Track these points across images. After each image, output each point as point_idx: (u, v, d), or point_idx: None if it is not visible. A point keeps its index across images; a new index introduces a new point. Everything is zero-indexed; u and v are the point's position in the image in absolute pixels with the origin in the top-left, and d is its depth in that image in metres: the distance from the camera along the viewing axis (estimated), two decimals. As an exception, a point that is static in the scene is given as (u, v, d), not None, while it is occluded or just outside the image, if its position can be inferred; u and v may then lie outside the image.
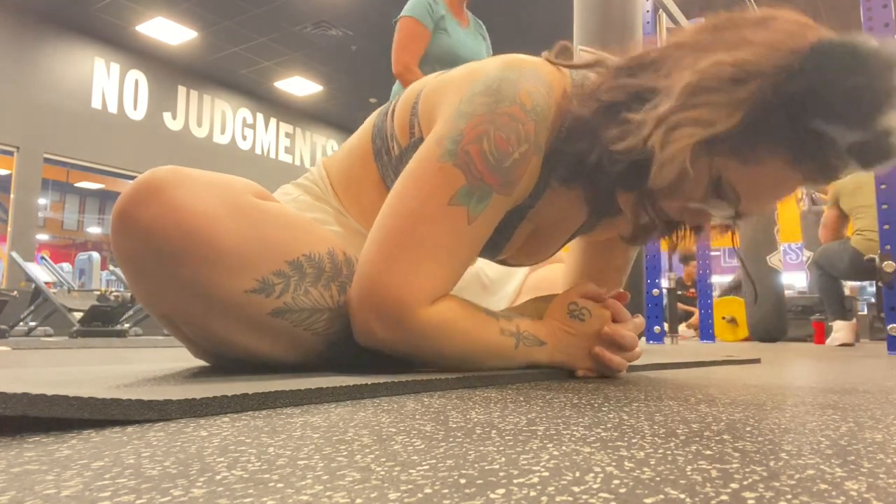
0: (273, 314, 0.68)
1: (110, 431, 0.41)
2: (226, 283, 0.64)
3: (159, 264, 0.64)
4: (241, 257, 0.65)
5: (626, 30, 2.61)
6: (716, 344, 3.96)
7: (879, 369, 1.25)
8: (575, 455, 0.34)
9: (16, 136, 6.84)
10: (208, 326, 0.69)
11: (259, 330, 0.69)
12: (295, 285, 0.69)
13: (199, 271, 0.63)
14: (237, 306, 0.66)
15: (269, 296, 0.67)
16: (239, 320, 0.68)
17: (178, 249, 0.62)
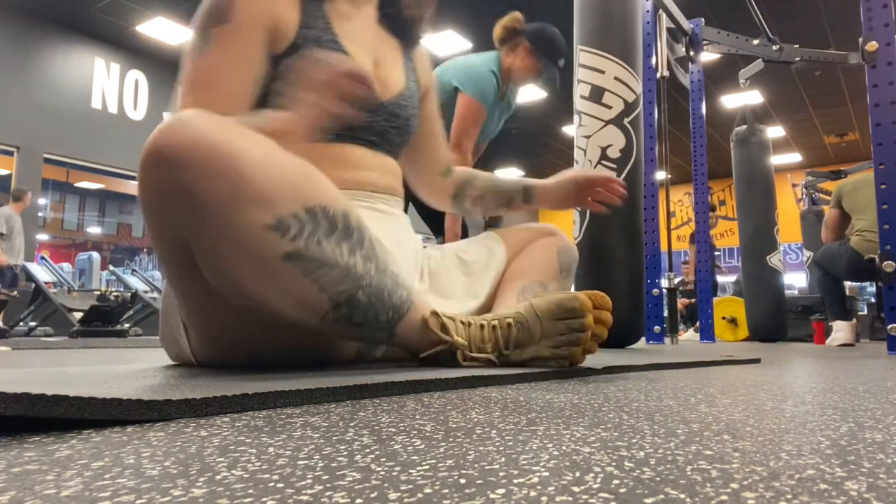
0: (285, 258, 0.70)
1: (110, 431, 0.41)
2: (246, 215, 0.67)
3: (183, 192, 0.66)
4: (263, 191, 0.67)
5: (626, 30, 2.61)
6: (716, 344, 3.96)
7: (879, 369, 1.25)
8: (575, 455, 0.34)
9: (16, 136, 6.85)
10: (222, 263, 0.70)
11: (269, 274, 0.70)
12: (309, 232, 0.71)
13: (222, 200, 0.66)
14: (253, 242, 0.68)
15: (284, 236, 0.69)
16: (253, 259, 0.69)
17: (204, 177, 0.65)
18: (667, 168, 3.78)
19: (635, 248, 2.52)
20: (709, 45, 4.37)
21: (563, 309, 0.88)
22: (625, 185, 1.26)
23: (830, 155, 11.42)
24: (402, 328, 0.83)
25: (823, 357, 1.89)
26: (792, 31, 6.77)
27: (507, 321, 0.89)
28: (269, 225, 0.68)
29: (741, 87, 4.39)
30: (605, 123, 2.54)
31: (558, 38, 2.32)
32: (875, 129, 2.47)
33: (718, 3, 6.36)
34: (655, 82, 3.59)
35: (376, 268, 0.79)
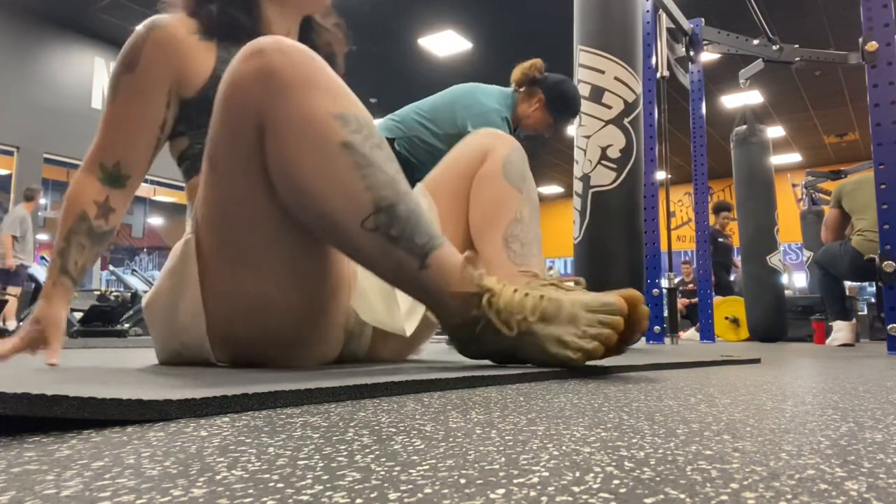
0: (343, 146, 0.78)
1: (110, 431, 0.41)
2: (317, 99, 0.78)
3: (270, 73, 0.77)
4: (334, 88, 0.80)
5: (626, 30, 2.61)
6: (716, 344, 3.96)
7: (879, 369, 1.25)
8: (575, 455, 0.34)
9: (16, 136, 6.85)
10: (288, 145, 0.78)
11: (326, 160, 0.78)
12: (366, 135, 0.80)
13: (300, 82, 0.78)
14: (319, 123, 0.77)
15: (345, 126, 0.78)
16: (315, 140, 0.78)
17: (289, 63, 0.78)
18: (667, 168, 3.78)
19: (635, 248, 2.52)
20: (709, 45, 4.37)
21: (599, 302, 0.85)
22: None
23: (830, 155, 11.42)
24: (437, 259, 0.83)
25: (823, 357, 1.89)
26: (792, 31, 6.77)
27: (541, 294, 0.88)
28: (335, 113, 0.78)
29: (741, 87, 4.39)
30: (605, 123, 2.54)
31: (575, 96, 2.29)
32: (875, 129, 2.47)
33: (718, 3, 6.36)
34: (655, 82, 3.59)
35: (414, 199, 0.84)
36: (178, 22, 1.04)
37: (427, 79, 7.82)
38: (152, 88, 1.01)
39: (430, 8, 6.87)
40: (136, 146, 1.02)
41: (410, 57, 7.85)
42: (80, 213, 0.98)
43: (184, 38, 1.03)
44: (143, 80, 1.00)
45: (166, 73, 1.01)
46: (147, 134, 1.02)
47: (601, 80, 2.56)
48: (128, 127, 1.01)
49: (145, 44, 1.01)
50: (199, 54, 1.04)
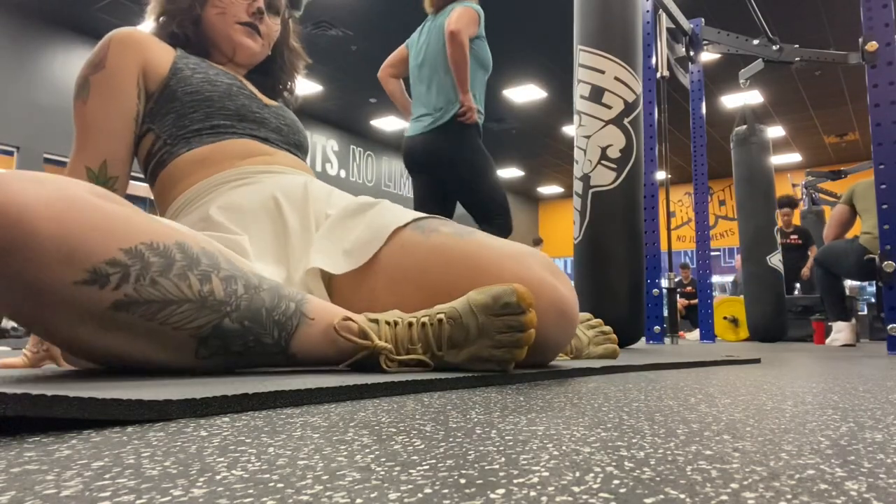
0: (114, 308, 0.64)
1: (110, 431, 0.41)
2: (51, 275, 0.61)
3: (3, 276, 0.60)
4: (64, 246, 0.61)
5: (626, 30, 2.61)
6: (716, 344, 3.96)
7: (879, 369, 1.25)
8: (575, 455, 0.34)
9: (16, 136, 6.84)
10: (52, 326, 0.64)
11: (108, 327, 0.65)
12: (137, 274, 0.64)
13: (22, 263, 0.60)
14: (70, 300, 0.62)
15: (105, 287, 0.63)
16: (80, 316, 0.63)
17: (2, 242, 0.59)
18: (667, 168, 3.78)
19: (635, 248, 2.52)
20: (709, 45, 4.37)
21: (500, 303, 0.77)
22: None
23: (830, 155, 11.42)
24: (299, 345, 0.76)
25: (823, 357, 1.89)
26: (792, 31, 6.77)
27: (439, 317, 0.79)
28: (83, 280, 0.62)
29: (741, 87, 4.39)
30: (605, 123, 2.54)
31: None
32: (875, 129, 2.47)
33: (718, 3, 6.36)
34: (655, 82, 3.60)
35: (245, 286, 0.73)
36: (140, 31, 1.11)
37: (427, 79, 7.81)
38: (123, 82, 1.05)
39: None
40: (117, 141, 1.04)
41: (410, 57, 7.85)
42: None
43: (145, 37, 1.10)
44: (112, 75, 1.04)
45: (133, 64, 1.06)
46: (125, 127, 1.05)
47: (601, 80, 2.56)
48: (107, 124, 1.03)
49: (110, 45, 1.06)
50: (159, 48, 1.10)
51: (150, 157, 1.09)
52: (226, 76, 1.13)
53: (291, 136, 1.20)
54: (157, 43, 1.11)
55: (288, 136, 1.18)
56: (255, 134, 1.12)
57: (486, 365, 0.79)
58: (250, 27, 1.18)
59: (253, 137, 1.11)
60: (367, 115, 10.00)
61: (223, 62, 1.21)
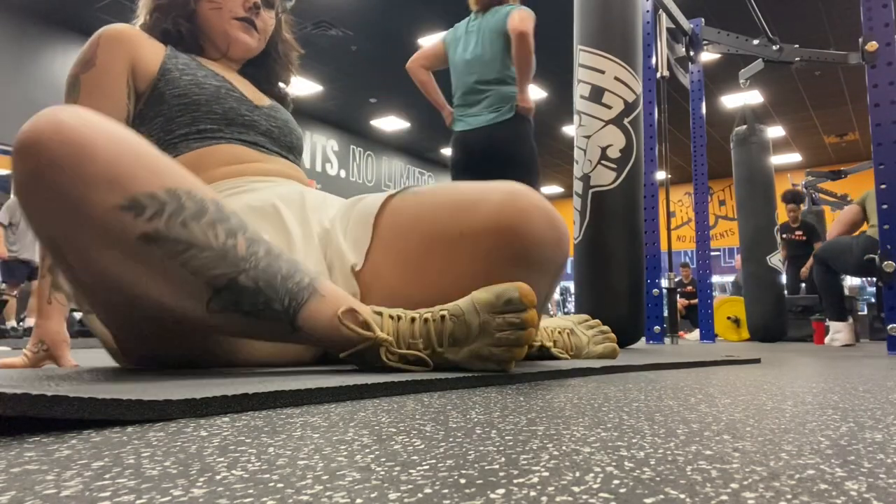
0: (143, 239, 0.67)
1: (110, 431, 0.41)
2: (96, 196, 0.65)
3: (43, 179, 0.65)
4: (113, 171, 0.65)
5: (626, 30, 2.61)
6: (716, 344, 3.96)
7: (879, 369, 1.25)
8: (575, 455, 0.34)
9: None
10: (83, 246, 0.67)
11: (132, 256, 0.67)
12: (171, 213, 0.68)
13: (74, 180, 0.64)
14: (106, 223, 0.65)
15: (139, 216, 0.66)
16: (111, 241, 0.66)
17: (57, 158, 0.64)
18: (667, 168, 3.78)
19: (635, 248, 2.52)
20: (709, 45, 4.37)
21: (503, 300, 0.77)
22: None
23: (830, 155, 11.42)
24: (306, 320, 0.76)
25: (823, 357, 1.89)
26: (792, 31, 6.77)
27: (442, 314, 0.80)
28: (121, 205, 0.66)
29: (741, 87, 4.39)
30: (605, 123, 2.54)
31: None
32: (875, 129, 2.47)
33: (718, 3, 6.36)
34: (655, 82, 3.60)
35: (266, 251, 0.75)
36: (130, 27, 1.10)
37: (427, 79, 7.82)
38: (113, 80, 1.03)
39: (430, 8, 6.87)
40: None
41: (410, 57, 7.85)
42: None
43: (135, 34, 1.08)
44: (103, 73, 1.03)
45: (123, 62, 1.04)
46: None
47: (601, 80, 2.56)
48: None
49: (99, 43, 1.04)
50: (149, 46, 1.09)
51: None
52: (214, 78, 1.11)
53: (283, 138, 1.18)
54: (147, 40, 1.09)
55: (279, 138, 1.17)
56: (244, 138, 1.10)
57: (486, 364, 0.79)
58: (247, 22, 1.17)
59: (242, 142, 1.09)
60: (367, 115, 10.00)
61: (216, 57, 1.20)
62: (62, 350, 1.00)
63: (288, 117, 1.23)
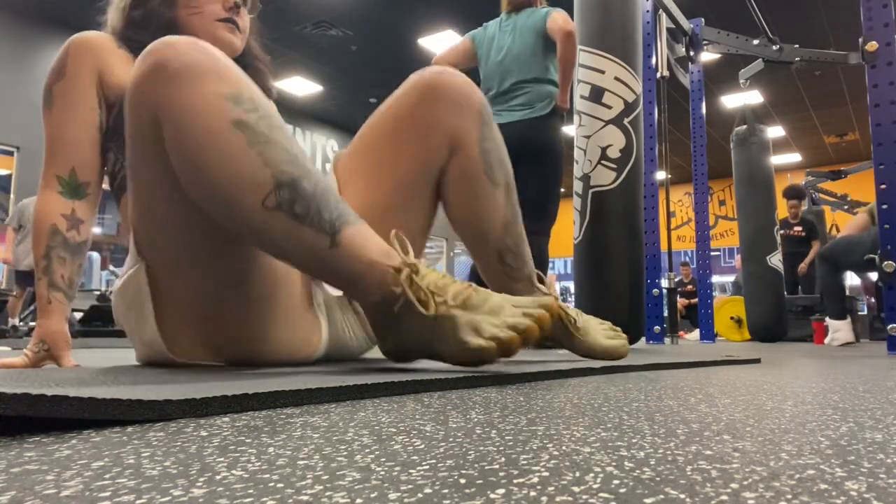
0: (235, 124, 0.75)
1: (110, 431, 0.41)
2: (205, 84, 0.75)
3: (159, 67, 0.76)
4: (226, 73, 0.77)
5: (626, 30, 2.61)
6: (716, 344, 3.96)
7: (879, 369, 1.25)
8: (575, 455, 0.34)
9: (16, 136, 6.85)
10: (181, 131, 0.75)
11: (220, 139, 0.74)
12: (260, 115, 0.77)
13: (189, 69, 0.75)
14: (209, 106, 0.75)
15: (238, 105, 0.75)
16: (204, 126, 0.74)
17: (177, 53, 0.76)
18: (667, 168, 3.78)
19: (635, 248, 2.52)
20: (709, 45, 4.37)
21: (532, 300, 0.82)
22: None
23: (830, 155, 11.42)
24: (349, 238, 0.78)
25: (823, 357, 1.89)
26: (792, 31, 6.77)
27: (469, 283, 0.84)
28: (226, 94, 0.75)
29: (741, 87, 4.39)
30: (605, 123, 2.54)
31: None
32: (875, 129, 2.47)
33: (718, 3, 6.36)
34: (655, 82, 3.60)
35: (323, 175, 0.81)
36: (100, 35, 1.10)
37: (427, 79, 7.80)
38: (83, 88, 1.05)
39: (430, 8, 6.87)
40: (83, 148, 1.05)
41: (410, 57, 7.85)
42: (52, 227, 1.02)
43: (105, 42, 1.09)
44: (72, 82, 1.05)
45: (91, 70, 1.06)
46: (89, 134, 1.06)
47: (601, 80, 2.56)
48: (71, 131, 1.04)
49: (69, 52, 1.06)
50: (119, 57, 1.08)
51: (114, 177, 1.09)
52: None
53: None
54: (117, 50, 1.09)
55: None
56: None
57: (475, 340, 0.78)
58: (230, 22, 1.16)
59: None
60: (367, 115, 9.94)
61: None
62: (63, 350, 1.00)
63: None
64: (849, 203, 8.02)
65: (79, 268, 1.04)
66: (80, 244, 1.04)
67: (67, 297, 1.02)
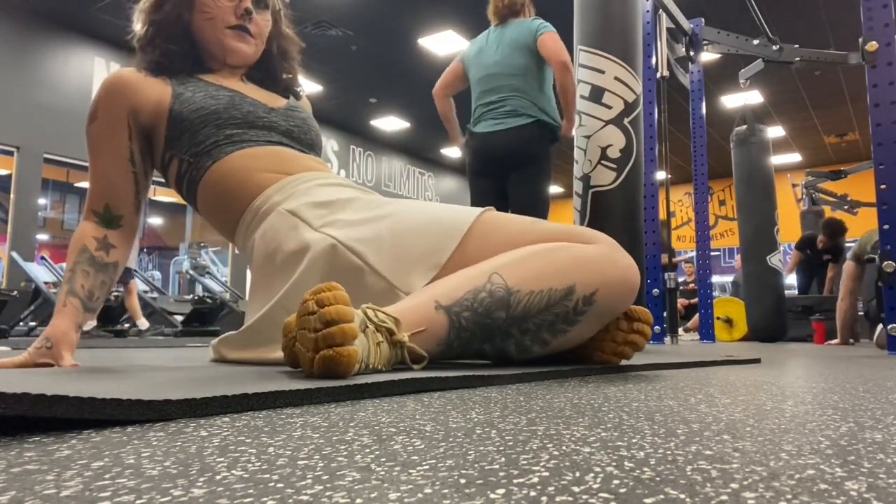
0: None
1: (110, 431, 0.41)
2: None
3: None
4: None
5: (626, 30, 2.61)
6: (716, 344, 3.95)
7: (879, 369, 1.25)
8: (575, 455, 0.34)
9: (16, 136, 6.84)
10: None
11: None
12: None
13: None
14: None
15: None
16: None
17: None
18: (667, 168, 3.78)
19: (635, 248, 2.52)
20: (709, 45, 4.36)
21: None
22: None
23: (830, 155, 11.42)
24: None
25: (823, 357, 1.89)
26: (792, 31, 6.76)
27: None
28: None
29: (741, 87, 4.39)
30: (605, 123, 2.54)
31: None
32: (875, 129, 2.47)
33: (718, 3, 6.36)
34: (655, 82, 3.59)
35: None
36: (128, 68, 1.17)
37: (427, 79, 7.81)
38: (113, 129, 1.13)
39: (430, 8, 6.87)
40: (114, 185, 1.13)
41: (410, 57, 7.84)
42: (82, 246, 1.09)
43: (132, 76, 1.15)
44: (103, 125, 1.13)
45: (121, 110, 1.13)
46: (120, 170, 1.13)
47: (601, 80, 2.56)
48: (103, 170, 1.13)
49: (100, 95, 1.13)
50: (149, 86, 1.15)
51: (181, 179, 1.16)
52: (224, 89, 1.17)
53: (303, 136, 1.22)
54: (145, 80, 1.15)
55: (300, 137, 1.22)
56: (269, 139, 1.16)
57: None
58: (240, 30, 1.18)
59: (269, 143, 1.15)
60: (367, 115, 10.00)
61: (217, 68, 1.22)
62: (64, 350, 1.00)
63: (305, 115, 1.28)
64: (849, 203, 8.01)
65: (101, 284, 1.09)
66: (107, 264, 1.10)
67: (84, 305, 1.05)
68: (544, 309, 0.88)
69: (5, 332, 4.32)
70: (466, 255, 0.98)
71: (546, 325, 0.90)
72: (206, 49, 1.20)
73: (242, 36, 1.19)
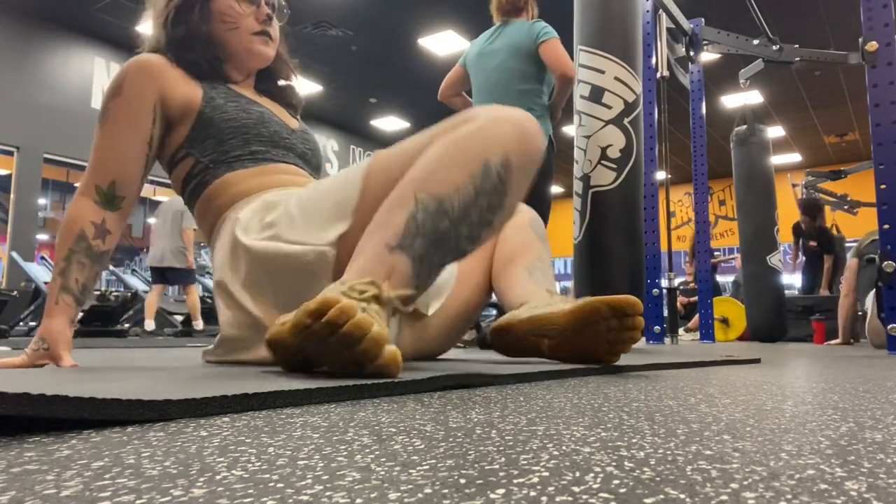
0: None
1: (110, 431, 0.41)
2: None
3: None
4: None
5: (626, 30, 2.61)
6: (716, 344, 3.95)
7: (879, 369, 1.25)
8: (575, 455, 0.34)
9: (16, 136, 6.84)
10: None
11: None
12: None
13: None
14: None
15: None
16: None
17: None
18: (667, 168, 3.78)
19: (635, 248, 2.52)
20: (709, 45, 4.36)
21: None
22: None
23: (830, 155, 11.42)
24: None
25: (823, 357, 1.89)
26: (792, 31, 6.76)
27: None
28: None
29: (741, 87, 4.39)
30: (605, 123, 2.54)
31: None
32: (875, 129, 2.47)
33: (718, 3, 6.36)
34: (655, 82, 3.59)
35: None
36: (157, 57, 1.16)
37: (427, 79, 7.81)
38: (138, 107, 1.11)
39: (430, 8, 6.87)
40: (127, 163, 1.11)
41: (410, 57, 7.85)
42: (79, 232, 1.06)
43: (162, 64, 1.14)
44: (128, 101, 1.11)
45: (150, 92, 1.11)
46: (136, 150, 1.11)
47: (601, 80, 2.56)
48: (118, 145, 1.10)
49: (127, 72, 1.12)
50: (182, 79, 1.15)
51: (190, 178, 1.16)
52: (255, 104, 1.20)
53: (314, 160, 1.29)
54: (173, 69, 1.15)
55: (311, 160, 1.28)
56: (287, 160, 1.20)
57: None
58: (264, 35, 1.22)
59: (285, 163, 1.19)
60: (367, 115, 10.00)
61: (239, 80, 1.25)
62: (62, 350, 1.00)
63: (315, 139, 1.34)
64: (849, 203, 8.01)
65: (95, 276, 1.08)
66: (102, 254, 1.08)
67: (77, 301, 1.04)
68: (477, 195, 0.88)
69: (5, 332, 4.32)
70: (377, 195, 0.97)
71: (486, 207, 0.89)
72: (231, 59, 1.22)
73: (265, 40, 1.23)
